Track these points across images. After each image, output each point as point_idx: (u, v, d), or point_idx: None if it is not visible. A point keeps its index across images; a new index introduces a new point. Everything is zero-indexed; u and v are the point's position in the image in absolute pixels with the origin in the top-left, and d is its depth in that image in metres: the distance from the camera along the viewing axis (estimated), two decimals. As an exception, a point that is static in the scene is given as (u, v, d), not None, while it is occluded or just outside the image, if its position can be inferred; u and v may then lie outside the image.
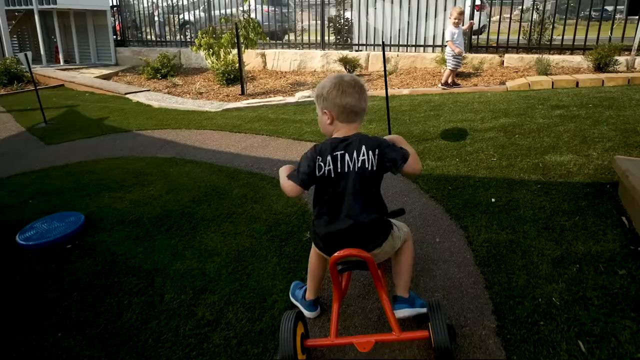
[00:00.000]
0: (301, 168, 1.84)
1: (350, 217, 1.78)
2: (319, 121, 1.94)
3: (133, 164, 4.72)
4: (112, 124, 6.45)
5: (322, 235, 1.88)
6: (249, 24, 8.05)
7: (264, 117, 6.25)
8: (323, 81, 1.92)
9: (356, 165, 1.77)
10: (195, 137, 5.64)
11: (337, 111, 1.83)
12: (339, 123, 1.85)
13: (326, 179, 1.81)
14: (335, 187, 1.80)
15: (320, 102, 1.87)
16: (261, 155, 4.80)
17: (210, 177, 4.21)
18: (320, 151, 1.81)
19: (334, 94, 1.82)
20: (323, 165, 1.79)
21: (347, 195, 1.78)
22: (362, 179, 1.79)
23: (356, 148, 1.78)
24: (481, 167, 3.82)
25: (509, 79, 7.31)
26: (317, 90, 1.92)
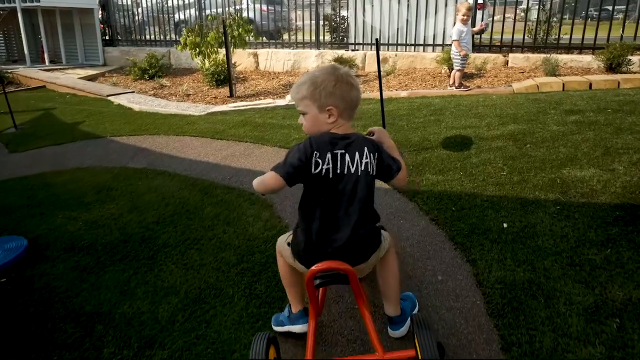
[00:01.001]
0: (289, 159, 1.60)
1: (348, 227, 1.60)
2: (311, 122, 1.66)
3: (98, 176, 4.23)
4: (87, 129, 5.96)
5: (309, 245, 1.66)
6: (234, 21, 7.55)
7: (250, 122, 5.76)
8: (311, 74, 1.66)
9: (359, 168, 1.60)
10: (172, 144, 5.15)
11: (344, 106, 1.62)
12: (341, 121, 1.64)
13: (322, 179, 1.59)
14: (332, 190, 1.60)
15: (318, 98, 1.61)
16: (242, 166, 4.31)
17: (181, 193, 3.72)
18: (318, 146, 1.59)
19: (342, 87, 1.60)
20: (321, 163, 1.57)
21: (345, 201, 1.60)
22: (364, 183, 1.62)
23: (358, 149, 1.61)
24: (489, 183, 3.32)
25: (515, 80, 6.81)
26: (306, 85, 1.64)
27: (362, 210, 1.63)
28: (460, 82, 6.36)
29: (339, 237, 1.61)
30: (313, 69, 1.75)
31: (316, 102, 1.61)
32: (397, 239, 2.03)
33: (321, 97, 1.60)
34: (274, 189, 1.65)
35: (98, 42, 12.34)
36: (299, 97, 1.67)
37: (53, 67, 11.53)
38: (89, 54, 12.65)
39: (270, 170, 1.64)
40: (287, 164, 1.60)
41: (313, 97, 1.61)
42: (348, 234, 1.60)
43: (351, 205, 1.60)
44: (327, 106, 1.60)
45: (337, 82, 1.60)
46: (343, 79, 1.62)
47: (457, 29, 6.25)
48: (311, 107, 1.63)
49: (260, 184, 1.69)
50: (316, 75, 1.64)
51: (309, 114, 1.65)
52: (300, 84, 1.66)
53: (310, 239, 1.64)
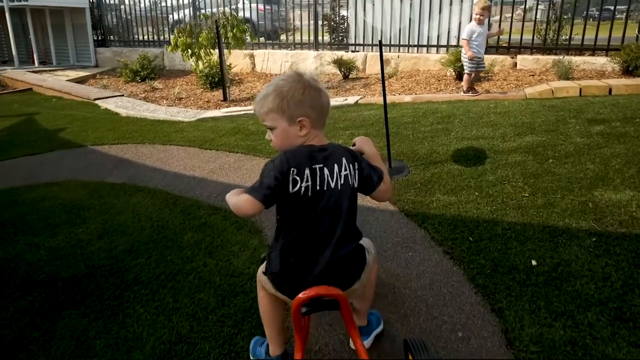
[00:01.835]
0: (265, 180, 1.43)
1: (329, 248, 1.46)
2: (280, 137, 1.49)
3: (72, 193, 3.82)
4: (67, 137, 5.55)
5: (287, 270, 1.50)
6: (228, 21, 7.13)
7: (243, 129, 5.34)
8: (275, 84, 1.48)
9: (338, 182, 1.46)
10: (157, 154, 4.73)
11: (316, 115, 1.47)
12: (314, 131, 1.49)
13: (301, 198, 1.43)
14: (311, 209, 1.45)
15: (286, 110, 1.44)
16: (230, 181, 3.89)
17: (160, 214, 3.30)
18: (295, 162, 1.43)
19: (312, 94, 1.45)
20: (299, 181, 1.42)
21: (325, 219, 1.46)
22: (344, 199, 1.48)
23: (336, 161, 1.47)
24: (510, 206, 2.91)
25: (526, 84, 6.40)
26: (271, 96, 1.46)
27: (345, 229, 1.49)
28: (469, 86, 5.93)
29: (321, 260, 1.46)
30: (275, 78, 1.57)
31: (285, 115, 1.45)
32: (374, 247, 1.79)
33: (290, 108, 1.44)
34: (250, 215, 1.49)
35: (90, 43, 11.94)
36: (264, 111, 1.49)
37: (42, 69, 11.12)
38: (81, 54, 12.25)
39: (246, 192, 1.47)
40: (264, 185, 1.43)
41: (281, 109, 1.45)
42: (329, 256, 1.46)
43: (332, 224, 1.47)
44: (298, 117, 1.45)
45: (305, 89, 1.45)
46: (311, 85, 1.47)
47: (469, 28, 5.80)
48: (279, 121, 1.46)
49: (235, 208, 1.51)
50: (281, 85, 1.47)
51: (278, 129, 1.48)
52: (264, 96, 1.49)
53: (288, 263, 1.49)
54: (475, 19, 5.72)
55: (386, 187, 1.59)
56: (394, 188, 3.42)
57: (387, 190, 1.60)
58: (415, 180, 3.46)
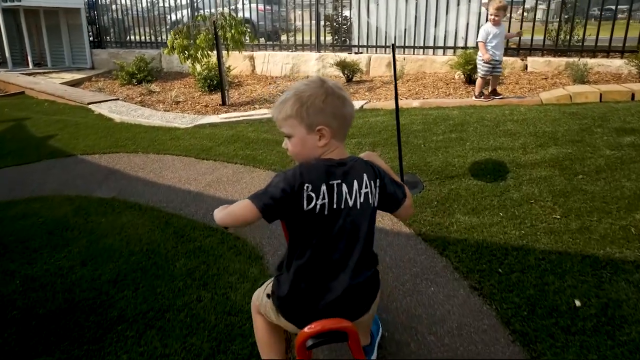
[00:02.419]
0: (271, 189, 1.31)
1: (346, 274, 1.33)
2: (298, 146, 1.37)
3: (56, 210, 3.51)
4: (56, 145, 5.24)
5: (297, 296, 1.36)
6: (226, 22, 6.82)
7: (242, 137, 5.04)
8: (296, 89, 1.36)
9: (358, 201, 1.33)
10: (151, 165, 4.43)
11: (337, 125, 1.35)
12: (335, 142, 1.36)
13: (316, 216, 1.31)
14: (327, 230, 1.33)
15: (305, 117, 1.32)
16: (228, 196, 3.59)
17: (151, 236, 3.00)
18: (310, 177, 1.30)
19: (334, 102, 1.32)
20: (314, 197, 1.30)
21: (342, 241, 1.33)
22: (364, 219, 1.36)
23: (356, 177, 1.34)
24: (540, 231, 2.60)
25: (540, 88, 6.10)
26: (291, 101, 1.34)
27: (363, 253, 1.37)
28: (481, 90, 5.62)
29: (335, 287, 1.34)
30: (297, 82, 1.43)
31: (304, 122, 1.33)
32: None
33: (309, 115, 1.32)
34: (244, 222, 1.35)
35: (85, 44, 11.63)
36: (282, 117, 1.38)
37: (37, 71, 10.83)
38: (76, 56, 11.95)
39: (247, 198, 1.34)
40: (268, 193, 1.31)
41: (300, 116, 1.33)
42: (346, 283, 1.34)
43: (349, 246, 1.35)
44: (317, 126, 1.33)
45: (327, 96, 1.33)
46: (334, 92, 1.35)
47: (484, 29, 5.49)
48: (298, 128, 1.35)
49: (226, 215, 1.39)
50: (302, 90, 1.35)
51: (296, 137, 1.36)
52: (283, 101, 1.37)
53: (299, 288, 1.36)
54: (490, 19, 5.40)
55: (410, 203, 1.49)
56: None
57: (410, 206, 1.50)
58: (431, 198, 3.15)
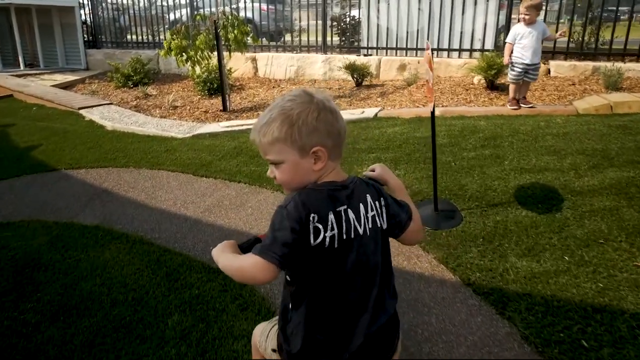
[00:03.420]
0: (278, 235, 1.09)
1: (365, 317, 1.15)
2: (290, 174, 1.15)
3: (29, 240, 3.00)
4: (40, 157, 4.72)
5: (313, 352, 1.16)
6: (228, 21, 6.30)
7: (246, 150, 4.53)
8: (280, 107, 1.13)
9: (367, 227, 1.15)
10: (143, 183, 3.91)
11: (333, 143, 1.15)
12: (331, 164, 1.16)
13: (326, 251, 1.10)
14: (339, 265, 1.13)
15: (297, 139, 1.11)
16: (231, 225, 3.07)
17: (138, 279, 2.48)
18: (314, 206, 1.10)
19: (327, 118, 1.13)
20: (322, 230, 1.10)
21: (358, 277, 1.15)
22: (377, 247, 1.18)
23: (361, 199, 1.17)
24: (622, 284, 2.09)
25: (570, 95, 5.59)
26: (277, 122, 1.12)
27: (381, 288, 1.19)
28: (514, 96, 5.10)
29: (357, 333, 1.15)
30: (277, 99, 1.12)
31: (295, 145, 1.12)
32: None
33: (302, 136, 1.11)
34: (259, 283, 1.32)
35: (80, 44, 11.12)
36: (267, 141, 1.14)
37: (28, 72, 10.32)
38: (70, 56, 11.44)
39: (255, 255, 1.10)
40: (278, 241, 1.08)
41: (290, 139, 1.11)
42: (369, 326, 1.15)
43: (366, 282, 1.16)
44: (312, 147, 1.12)
45: (319, 112, 1.12)
46: (325, 106, 1.14)
47: (514, 30, 4.97)
48: (288, 153, 1.13)
49: (236, 272, 1.16)
50: (289, 107, 1.12)
51: (286, 163, 1.14)
52: (267, 123, 1.14)
53: (314, 340, 1.15)
54: (523, 19, 4.88)
55: (417, 227, 1.28)
56: (445, 240, 2.61)
57: (418, 231, 1.29)
58: (474, 233, 2.64)
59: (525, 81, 5.07)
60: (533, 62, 4.93)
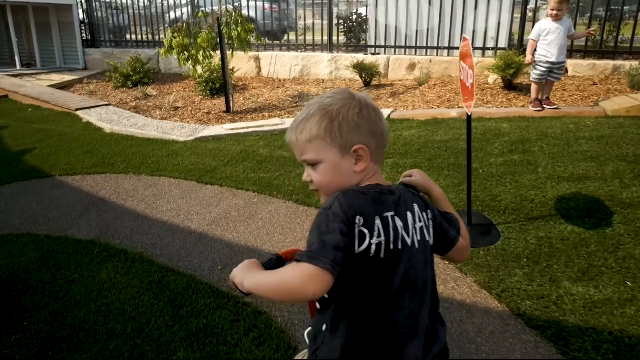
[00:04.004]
0: (327, 238, 0.94)
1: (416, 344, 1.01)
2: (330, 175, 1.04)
3: (18, 258, 2.70)
4: (33, 163, 4.43)
5: None
6: (231, 17, 6.00)
7: (253, 154, 4.24)
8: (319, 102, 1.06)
9: (415, 239, 1.02)
10: (143, 191, 3.62)
11: (376, 144, 1.06)
12: (373, 167, 1.07)
13: (371, 262, 0.97)
14: (386, 281, 0.99)
15: (338, 136, 1.02)
16: (241, 240, 2.78)
17: (138, 305, 2.19)
18: (359, 207, 0.98)
19: (370, 116, 1.05)
20: (368, 235, 0.96)
21: (407, 296, 1.01)
22: (427, 263, 1.05)
23: (409, 208, 1.05)
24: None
25: (593, 95, 5.31)
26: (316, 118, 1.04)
27: (433, 311, 1.05)
28: (537, 97, 4.80)
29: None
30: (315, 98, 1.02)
31: (336, 142, 1.02)
32: None
33: (342, 132, 1.02)
34: (311, 297, 0.96)
35: (78, 43, 10.83)
36: (304, 139, 1.05)
37: (24, 72, 10.03)
38: (68, 56, 11.15)
39: (303, 260, 0.93)
40: (328, 244, 0.92)
41: (330, 135, 1.02)
42: (419, 355, 1.01)
43: (416, 302, 1.01)
44: (354, 146, 1.02)
45: (361, 109, 1.04)
46: (368, 104, 1.06)
47: (539, 25, 4.67)
48: (327, 151, 1.03)
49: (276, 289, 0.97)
50: (327, 103, 1.05)
51: (325, 163, 1.03)
52: (305, 119, 1.05)
53: None
54: (550, 14, 4.57)
55: (466, 243, 1.15)
56: (484, 260, 2.32)
57: (466, 248, 1.16)
58: (516, 252, 2.35)
59: (548, 81, 4.78)
60: (559, 61, 4.63)
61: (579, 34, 5.08)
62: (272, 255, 1.13)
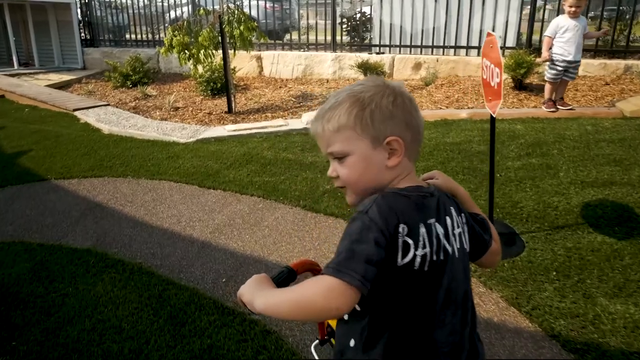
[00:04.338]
0: (360, 248, 0.82)
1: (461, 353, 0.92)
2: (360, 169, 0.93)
3: (8, 269, 2.54)
4: (28, 165, 4.26)
5: None
6: (234, 16, 5.83)
7: (257, 157, 4.07)
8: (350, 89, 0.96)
9: (455, 247, 0.93)
10: (142, 196, 3.45)
11: (412, 138, 0.94)
12: (408, 163, 0.95)
13: (414, 275, 0.86)
14: (429, 296, 0.89)
15: (369, 124, 0.91)
16: (246, 249, 2.61)
17: (136, 322, 2.02)
18: (403, 214, 0.86)
19: (406, 107, 0.94)
20: (413, 246, 0.86)
21: (449, 312, 0.91)
22: (466, 274, 0.96)
23: (447, 212, 0.95)
24: None
25: (607, 96, 5.16)
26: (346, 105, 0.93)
27: (472, 326, 0.96)
28: (550, 97, 4.64)
29: None
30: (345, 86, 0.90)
31: (367, 132, 0.91)
32: None
33: (374, 121, 0.91)
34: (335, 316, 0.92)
35: (76, 42, 10.66)
36: (332, 128, 0.94)
37: (22, 72, 9.86)
38: (67, 55, 10.98)
39: (327, 274, 0.82)
40: (358, 256, 0.81)
41: (361, 124, 0.91)
42: None
43: (457, 319, 0.91)
44: (387, 137, 0.91)
45: (396, 97, 0.93)
46: (403, 92, 0.95)
47: (555, 22, 4.50)
48: (357, 142, 0.92)
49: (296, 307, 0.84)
50: (358, 90, 0.94)
51: (355, 154, 0.93)
52: (333, 107, 0.94)
53: None
54: (569, 11, 4.40)
55: (498, 246, 1.05)
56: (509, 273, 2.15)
57: (498, 252, 1.05)
58: (544, 264, 2.18)
59: (563, 80, 4.62)
60: (576, 59, 4.47)
61: (593, 34, 4.91)
62: (282, 268, 1.04)
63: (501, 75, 2.06)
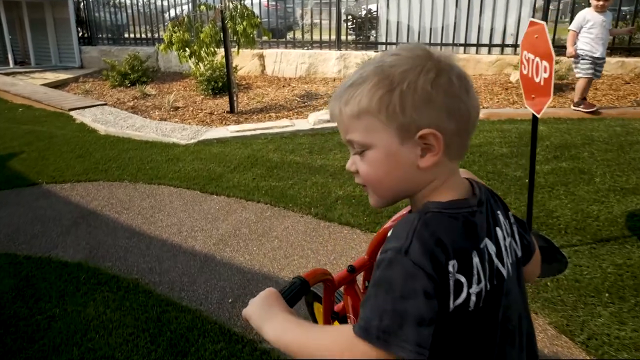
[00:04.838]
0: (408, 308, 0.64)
1: None
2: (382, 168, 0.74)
3: (-11, 285, 2.28)
4: (18, 168, 4.01)
5: None
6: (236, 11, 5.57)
7: (262, 160, 3.82)
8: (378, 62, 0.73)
9: (508, 262, 0.77)
10: (139, 202, 3.20)
11: (456, 129, 0.71)
12: (448, 163, 0.74)
13: (469, 316, 0.70)
14: (485, 332, 0.73)
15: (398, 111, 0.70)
16: (254, 263, 2.36)
17: (130, 355, 1.77)
18: (452, 245, 0.68)
19: (451, 87, 0.70)
20: (466, 284, 0.69)
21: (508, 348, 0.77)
22: (522, 291, 0.81)
23: (496, 219, 0.78)
24: None
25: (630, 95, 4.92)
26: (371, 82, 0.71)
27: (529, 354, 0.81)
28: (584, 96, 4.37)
29: None
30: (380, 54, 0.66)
31: (393, 121, 0.70)
32: None
33: (405, 107, 0.69)
34: None
35: (74, 41, 10.41)
36: (351, 112, 0.73)
37: (18, 70, 9.63)
38: (64, 54, 10.73)
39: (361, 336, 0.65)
40: (409, 320, 0.63)
41: (387, 110, 0.70)
42: None
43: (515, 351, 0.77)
44: (420, 129, 0.69)
45: (437, 74, 0.69)
46: (449, 66, 0.71)
47: (581, 15, 4.24)
48: (381, 133, 0.72)
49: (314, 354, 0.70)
50: (389, 63, 0.71)
51: (377, 149, 0.73)
52: (355, 84, 0.73)
53: None
54: (596, 5, 4.14)
55: (539, 255, 0.89)
56: (554, 294, 1.90)
57: (539, 261, 0.90)
58: (593, 283, 1.93)
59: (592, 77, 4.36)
60: (603, 56, 4.22)
61: (618, 30, 4.66)
62: (294, 279, 0.94)
63: (551, 69, 1.81)
